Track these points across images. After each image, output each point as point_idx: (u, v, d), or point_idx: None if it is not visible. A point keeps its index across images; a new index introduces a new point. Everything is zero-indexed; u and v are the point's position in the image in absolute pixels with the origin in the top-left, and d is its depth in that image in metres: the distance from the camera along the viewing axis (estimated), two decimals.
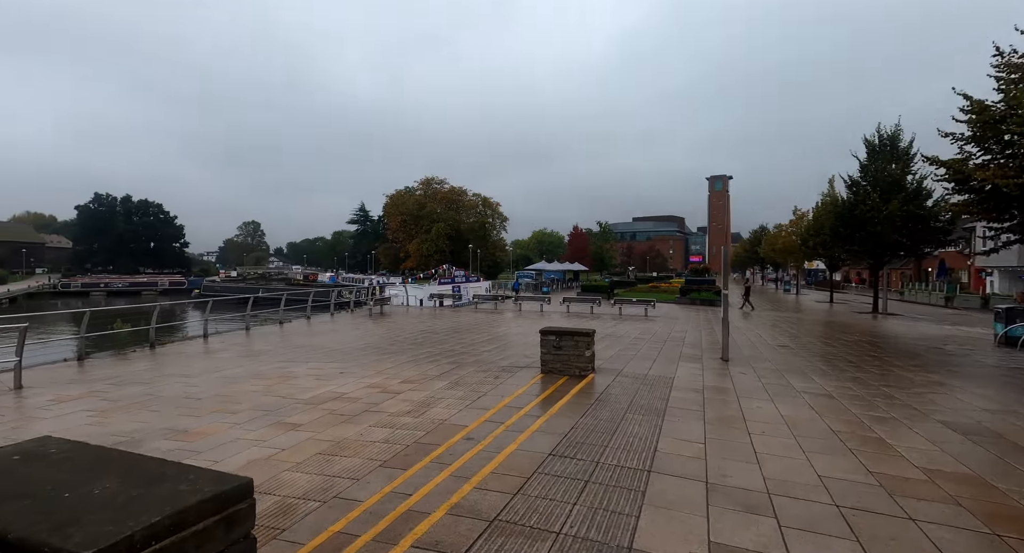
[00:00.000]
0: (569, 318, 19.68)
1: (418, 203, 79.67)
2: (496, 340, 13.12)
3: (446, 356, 10.45)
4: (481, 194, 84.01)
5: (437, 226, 75.63)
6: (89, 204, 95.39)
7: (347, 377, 8.41)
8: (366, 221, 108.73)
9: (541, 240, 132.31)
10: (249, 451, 4.98)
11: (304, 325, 17.56)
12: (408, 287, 30.22)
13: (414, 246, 76.38)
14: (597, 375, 8.33)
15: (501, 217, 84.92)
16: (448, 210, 79.97)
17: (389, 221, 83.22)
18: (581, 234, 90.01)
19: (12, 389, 8.23)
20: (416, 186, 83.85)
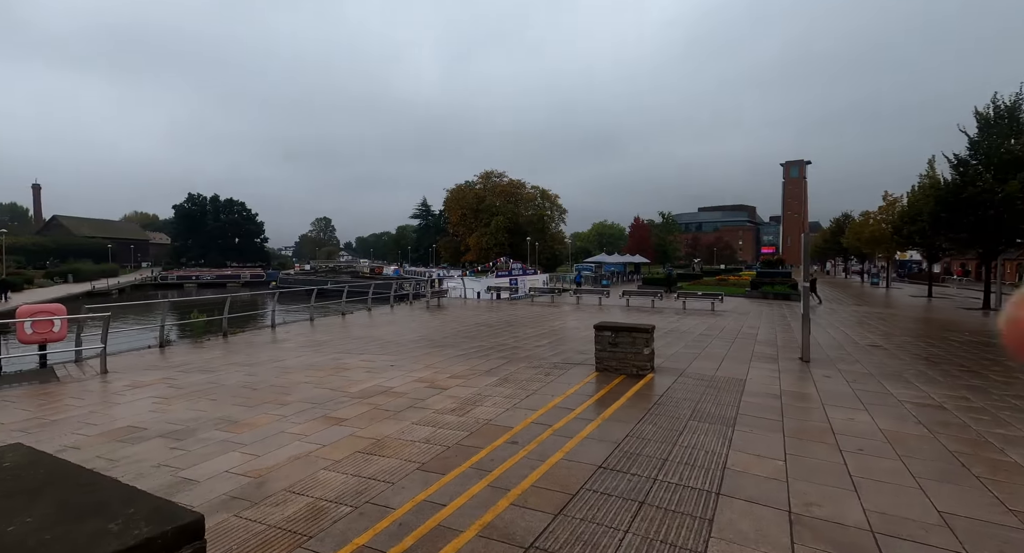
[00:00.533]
0: (628, 312, 18.83)
1: (477, 197, 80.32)
2: (550, 334, 12.66)
3: (497, 350, 10.14)
4: (540, 187, 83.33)
5: (496, 219, 75.93)
6: (184, 204, 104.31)
7: (397, 370, 8.30)
8: (428, 215, 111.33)
9: (601, 232, 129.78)
10: (291, 446, 4.87)
11: (365, 317, 17.96)
12: (465, 280, 30.38)
13: (474, 239, 77.16)
14: (657, 375, 7.67)
15: (560, 209, 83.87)
16: (507, 203, 80.00)
17: (449, 215, 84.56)
18: (643, 225, 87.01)
19: (99, 373, 8.84)
20: (476, 180, 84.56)
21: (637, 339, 7.59)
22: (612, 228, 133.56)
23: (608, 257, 56.09)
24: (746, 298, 26.96)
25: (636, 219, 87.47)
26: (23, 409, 6.51)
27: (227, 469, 4.33)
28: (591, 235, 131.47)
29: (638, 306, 21.24)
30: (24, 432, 5.52)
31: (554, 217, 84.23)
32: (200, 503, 3.70)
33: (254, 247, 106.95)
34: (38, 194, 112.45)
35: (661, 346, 10.39)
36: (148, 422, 5.76)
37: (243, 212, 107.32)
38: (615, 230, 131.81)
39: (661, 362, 8.65)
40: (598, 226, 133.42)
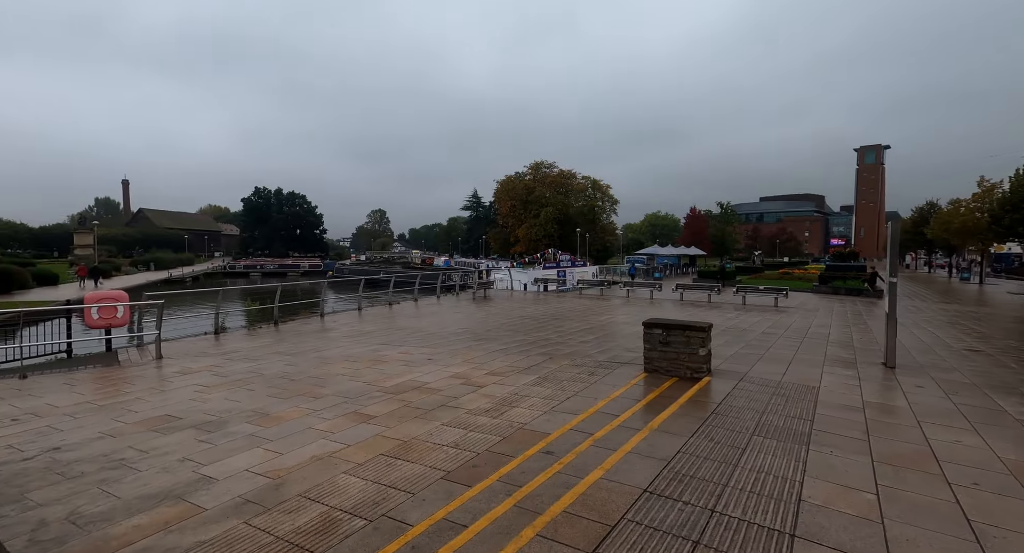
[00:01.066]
0: (682, 307, 17.79)
1: (527, 188, 79.75)
2: (597, 329, 12.03)
3: (539, 346, 9.67)
4: (591, 177, 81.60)
5: (545, 211, 75.16)
6: (251, 197, 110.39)
7: (434, 365, 8.03)
8: (478, 207, 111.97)
9: (654, 223, 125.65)
10: (316, 444, 4.65)
11: (411, 307, 18.00)
12: (513, 271, 30.04)
13: (523, 231, 76.80)
14: (714, 378, 6.94)
15: (611, 200, 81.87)
16: (557, 194, 78.96)
17: (499, 206, 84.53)
18: (699, 216, 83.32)
19: (155, 359, 9.15)
20: (526, 171, 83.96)
21: (692, 339, 6.89)
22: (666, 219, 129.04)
23: (661, 249, 54.09)
24: (814, 293, 24.97)
25: (692, 210, 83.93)
26: (78, 392, 6.73)
27: (248, 467, 4.15)
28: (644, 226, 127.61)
29: (693, 300, 20.08)
30: (72, 417, 5.65)
31: (605, 208, 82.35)
32: (213, 506, 3.49)
33: (314, 238, 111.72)
34: (127, 189, 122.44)
35: (719, 345, 9.55)
36: (185, 411, 5.75)
37: (304, 205, 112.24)
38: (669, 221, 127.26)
39: (719, 364, 7.88)
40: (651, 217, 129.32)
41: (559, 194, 79.77)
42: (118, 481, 3.91)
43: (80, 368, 8.44)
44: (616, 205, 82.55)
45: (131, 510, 3.44)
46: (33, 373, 8.08)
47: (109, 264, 54.03)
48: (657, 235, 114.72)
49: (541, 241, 74.08)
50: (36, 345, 9.39)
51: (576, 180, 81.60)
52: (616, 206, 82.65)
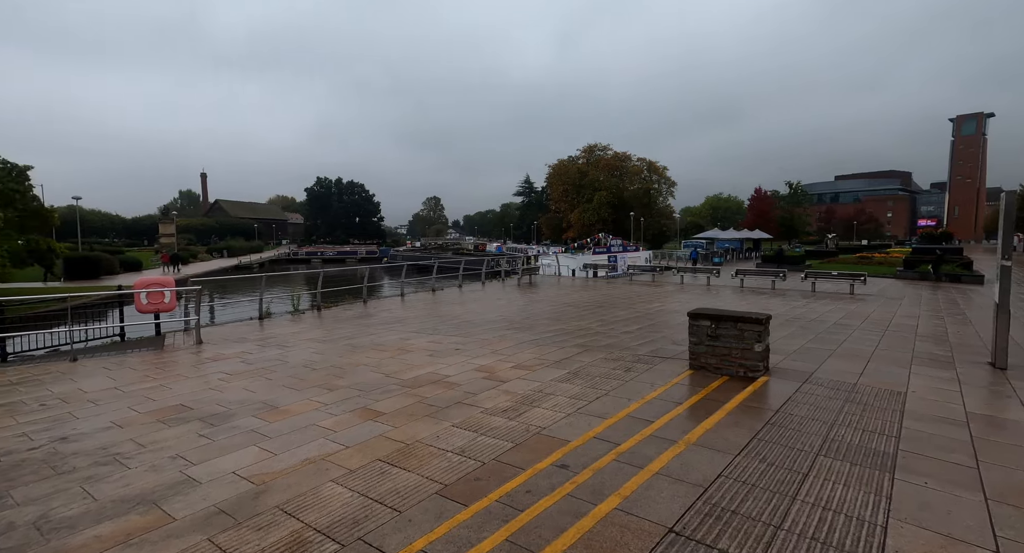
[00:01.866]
0: (742, 295, 16.39)
1: (580, 172, 77.91)
2: (643, 318, 11.15)
3: (577, 336, 8.99)
4: (647, 158, 78.39)
5: (599, 194, 73.19)
6: (314, 187, 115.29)
7: (460, 356, 7.57)
8: (530, 192, 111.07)
9: (715, 206, 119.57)
10: (314, 444, 4.30)
11: (455, 293, 17.75)
12: (561, 257, 29.22)
13: (576, 215, 75.26)
14: (773, 378, 6.01)
15: (668, 182, 78.43)
16: (611, 177, 76.62)
17: (551, 191, 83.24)
18: (765, 197, 78.02)
19: (195, 344, 9.32)
20: (579, 154, 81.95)
21: (746, 332, 5.98)
22: (729, 202, 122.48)
23: (722, 232, 51.11)
24: (897, 279, 22.47)
25: (757, 191, 78.74)
26: (111, 378, 6.84)
27: (236, 469, 3.84)
28: (704, 210, 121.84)
29: (755, 287, 18.53)
30: (95, 403, 5.66)
31: (662, 191, 79.11)
32: (184, 515, 3.18)
33: (372, 225, 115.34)
34: (205, 181, 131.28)
35: (781, 338, 8.48)
36: (200, 401, 5.62)
37: (362, 193, 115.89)
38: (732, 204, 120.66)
39: (779, 360, 6.89)
40: (712, 200, 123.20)
41: (613, 177, 77.38)
42: (103, 480, 3.71)
43: (127, 352, 8.70)
44: (673, 188, 79.10)
45: (101, 516, 3.19)
46: (84, 356, 8.41)
47: (187, 251, 58.18)
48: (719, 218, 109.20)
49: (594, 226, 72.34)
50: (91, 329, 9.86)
51: (631, 162, 78.77)
52: (673, 188, 79.19)
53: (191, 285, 10.76)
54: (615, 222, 73.52)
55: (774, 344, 7.88)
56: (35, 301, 11.15)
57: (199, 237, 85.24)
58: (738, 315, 6.08)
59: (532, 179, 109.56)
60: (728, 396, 5.33)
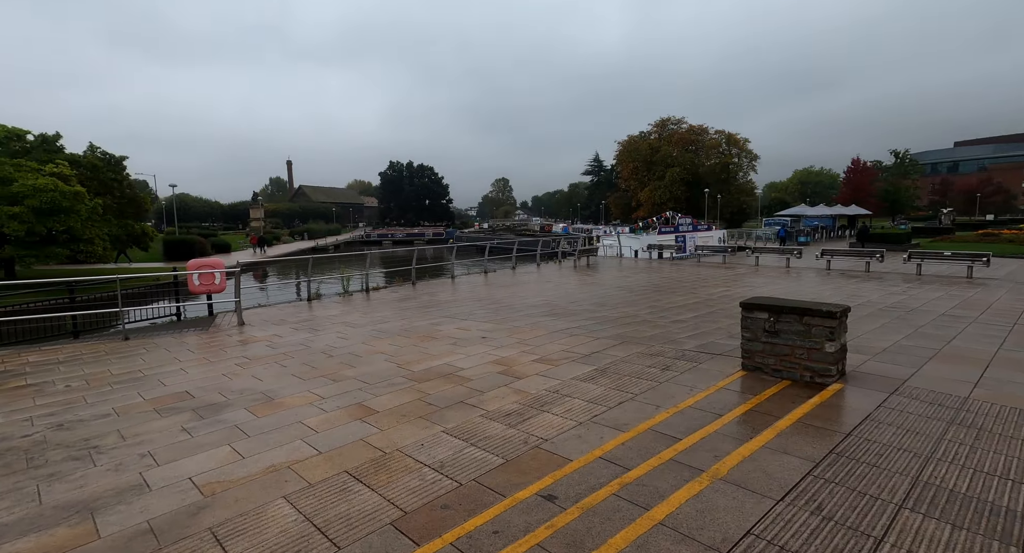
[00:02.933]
0: (827, 278, 14.42)
1: (651, 148, 73.99)
2: (701, 305, 9.95)
3: (619, 325, 8.07)
4: (725, 131, 72.81)
5: (671, 171, 69.27)
6: (387, 171, 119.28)
7: (483, 345, 6.99)
8: (599, 171, 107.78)
9: (804, 180, 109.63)
10: (287, 447, 3.91)
11: (506, 276, 17.23)
12: (624, 237, 27.75)
13: (646, 194, 71.87)
14: (849, 386, 4.85)
15: (750, 155, 72.50)
16: (685, 153, 72.21)
17: (621, 169, 79.93)
18: (864, 169, 69.89)
19: (236, 325, 9.50)
20: (650, 129, 77.79)
21: (814, 328, 4.85)
22: (820, 175, 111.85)
23: (810, 209, 46.40)
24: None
25: (855, 162, 70.78)
26: (143, 360, 6.98)
27: (196, 474, 3.52)
28: (791, 184, 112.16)
29: (845, 270, 16.31)
30: (110, 386, 5.70)
31: (742, 165, 73.38)
32: (111, 533, 2.86)
33: (440, 208, 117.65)
34: (290, 168, 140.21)
35: (867, 333, 7.07)
36: (204, 389, 5.48)
37: (432, 176, 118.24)
38: (824, 177, 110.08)
39: (861, 362, 5.63)
40: (801, 173, 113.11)
41: (687, 152, 72.85)
42: (63, 478, 3.53)
43: (174, 333, 9.00)
44: (755, 161, 73.07)
45: (33, 526, 2.95)
46: (136, 336, 8.79)
47: (271, 234, 62.49)
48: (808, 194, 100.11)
49: (666, 204, 68.76)
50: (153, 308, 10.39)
51: (708, 136, 73.64)
52: (755, 162, 73.16)
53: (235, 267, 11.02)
54: (688, 200, 69.36)
55: (858, 340, 6.56)
56: (100, 282, 11.93)
57: (284, 221, 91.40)
58: (805, 307, 4.94)
59: (601, 157, 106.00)
60: (784, 408, 4.30)
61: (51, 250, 18.63)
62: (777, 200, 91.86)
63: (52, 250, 18.65)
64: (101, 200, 20.57)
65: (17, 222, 17.07)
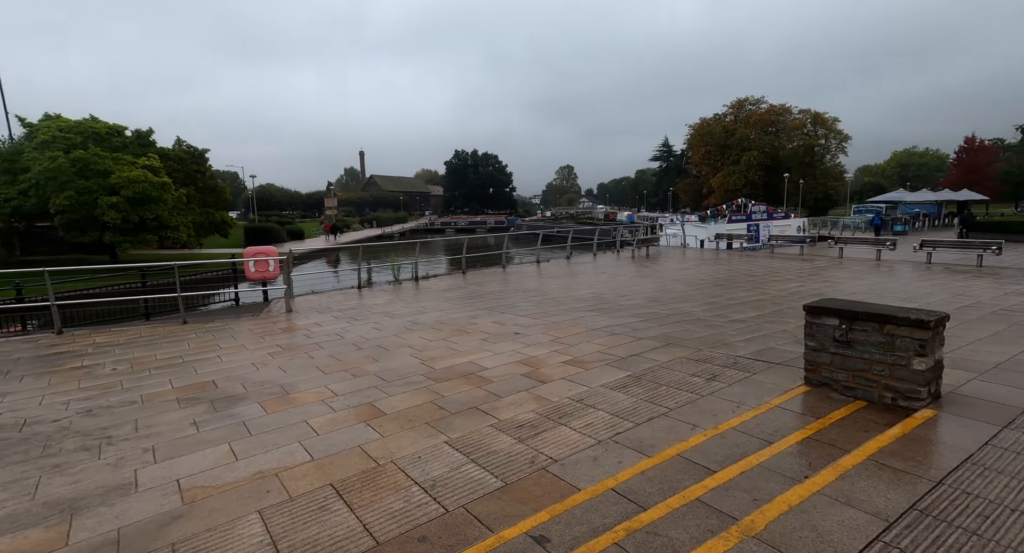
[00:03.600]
0: (927, 274, 12.59)
1: (726, 130, 69.44)
2: (765, 303, 8.90)
3: (667, 323, 7.33)
4: (811, 110, 66.82)
5: (748, 155, 64.72)
6: (452, 160, 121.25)
7: (514, 342, 6.57)
8: (669, 156, 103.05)
9: (905, 163, 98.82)
10: (283, 450, 3.73)
11: (559, 266, 16.67)
12: (690, 226, 26.11)
13: (719, 179, 67.77)
14: (944, 412, 3.93)
15: (839, 136, 66.20)
16: (764, 135, 67.19)
17: (692, 154, 75.74)
18: (981, 148, 61.48)
19: (284, 312, 9.74)
20: (725, 110, 72.95)
21: (899, 340, 3.96)
22: (924, 156, 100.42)
23: (909, 194, 41.50)
24: None
25: (968, 140, 62.54)
26: (188, 345, 7.22)
27: (185, 476, 3.40)
28: (889, 167, 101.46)
29: (950, 264, 14.20)
30: (148, 371, 5.88)
31: (829, 147, 67.15)
32: (80, 539, 2.76)
33: (504, 196, 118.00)
34: (363, 159, 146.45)
35: (974, 343, 5.89)
36: (229, 379, 5.50)
37: (495, 164, 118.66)
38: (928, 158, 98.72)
39: (964, 381, 4.61)
40: (900, 155, 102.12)
41: (767, 134, 67.76)
42: (65, 471, 3.53)
43: (230, 318, 9.34)
44: (846, 142, 66.57)
45: (13, 525, 2.91)
46: (193, 319, 9.23)
47: (342, 222, 65.52)
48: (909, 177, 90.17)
49: (740, 191, 64.42)
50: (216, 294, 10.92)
51: (790, 116, 68.00)
52: (845, 144, 66.66)
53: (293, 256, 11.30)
54: (767, 186, 64.58)
55: (960, 352, 5.46)
56: (165, 267, 12.70)
57: (356, 209, 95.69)
58: (887, 313, 4.05)
59: (671, 142, 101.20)
60: (854, 439, 3.52)
61: (143, 237, 20.56)
62: (871, 185, 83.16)
63: (144, 237, 20.58)
64: (185, 190, 22.38)
65: (115, 211, 18.95)
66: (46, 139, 19.70)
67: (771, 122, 68.92)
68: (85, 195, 19.02)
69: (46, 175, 18.61)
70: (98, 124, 21.94)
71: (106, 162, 19.73)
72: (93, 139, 20.78)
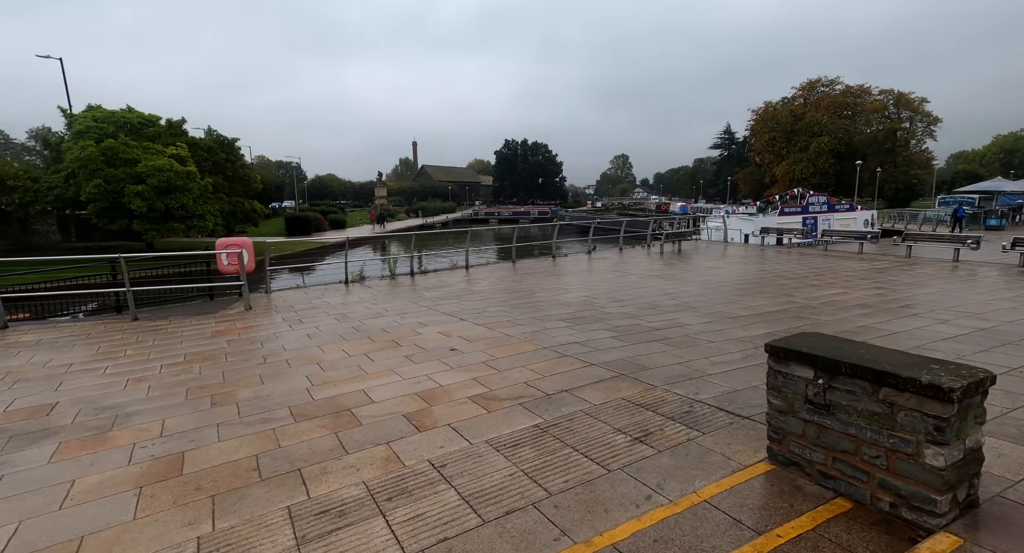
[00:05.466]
0: (1016, 282, 10.16)
1: (794, 115, 63.88)
2: (784, 317, 7.19)
3: (639, 342, 5.88)
4: (895, 90, 60.10)
5: (818, 141, 59.23)
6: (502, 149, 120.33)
7: (440, 363, 5.42)
8: (730, 144, 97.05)
9: (1009, 148, 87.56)
10: (33, 502, 2.81)
11: (576, 262, 15.27)
12: (735, 218, 23.69)
13: (783, 168, 62.57)
14: (983, 540, 2.40)
15: (927, 119, 59.15)
16: (837, 119, 61.24)
17: (755, 141, 70.40)
18: None
19: (243, 311, 9.09)
20: (795, 93, 67.15)
21: (902, 413, 2.46)
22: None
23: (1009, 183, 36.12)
24: None
25: None
26: (97, 348, 6.61)
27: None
28: (988, 153, 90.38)
29: None
30: (25, 381, 5.25)
31: (915, 131, 60.09)
32: None
33: (553, 186, 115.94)
34: (415, 150, 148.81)
35: None
36: (76, 402, 4.73)
37: (545, 154, 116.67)
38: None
39: (1020, 479, 2.99)
40: (1004, 139, 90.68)
41: (841, 118, 61.71)
42: None
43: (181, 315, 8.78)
44: (935, 126, 59.40)
45: None
46: (147, 316, 8.74)
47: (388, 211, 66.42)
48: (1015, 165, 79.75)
49: (808, 180, 59.26)
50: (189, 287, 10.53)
51: (870, 97, 61.52)
52: (935, 127, 59.49)
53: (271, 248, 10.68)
54: (838, 175, 58.86)
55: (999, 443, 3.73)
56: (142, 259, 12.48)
57: (407, 199, 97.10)
58: (883, 368, 2.54)
59: (733, 129, 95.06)
60: None
61: (170, 225, 21.10)
62: (966, 173, 74.02)
63: (171, 225, 21.11)
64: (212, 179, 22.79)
65: (140, 199, 19.49)
66: (81, 129, 20.57)
67: (847, 105, 62.74)
68: (113, 183, 19.69)
69: (77, 164, 19.39)
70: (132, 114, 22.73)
71: (134, 151, 20.34)
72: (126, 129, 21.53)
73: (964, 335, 6.12)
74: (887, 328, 6.54)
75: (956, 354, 5.30)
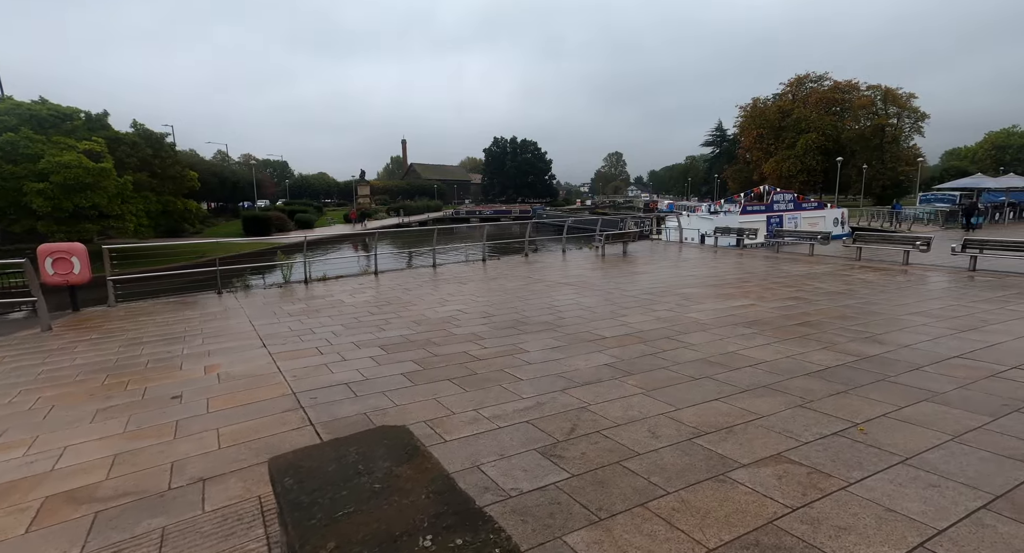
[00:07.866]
0: (957, 290, 8.86)
1: (781, 111, 62.58)
2: (644, 339, 5.88)
3: (435, 381, 4.59)
4: (882, 85, 58.82)
5: (805, 138, 57.99)
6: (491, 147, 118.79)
7: (119, 420, 4.11)
8: (722, 141, 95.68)
9: (1001, 144, 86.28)
10: None
11: (509, 265, 13.98)
12: (695, 218, 22.43)
13: (770, 165, 61.28)
14: None
15: (915, 115, 57.89)
16: (824, 115, 59.93)
17: (743, 138, 69.10)
18: None
19: (40, 331, 7.79)
20: (784, 89, 65.81)
21: None
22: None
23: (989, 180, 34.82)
24: None
25: None
26: None
27: None
28: (981, 150, 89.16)
29: (1003, 273, 10.23)
30: None
31: (903, 127, 58.81)
32: None
33: (543, 184, 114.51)
34: (405, 148, 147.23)
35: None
36: None
37: (535, 152, 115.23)
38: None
39: None
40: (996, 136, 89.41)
41: (829, 115, 60.36)
42: None
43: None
44: (922, 122, 58.19)
45: None
46: None
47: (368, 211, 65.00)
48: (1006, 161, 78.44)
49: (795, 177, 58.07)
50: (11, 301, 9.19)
51: (858, 93, 60.11)
52: (922, 123, 58.25)
53: (110, 253, 9.38)
54: (826, 172, 57.55)
55: None
56: None
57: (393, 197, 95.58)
58: None
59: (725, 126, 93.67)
60: None
61: (82, 226, 19.66)
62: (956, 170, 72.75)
63: (83, 226, 19.67)
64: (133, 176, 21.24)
65: (43, 198, 18.04)
66: None
67: (835, 101, 61.42)
68: (11, 181, 18.22)
69: None
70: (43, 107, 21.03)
71: (38, 146, 18.84)
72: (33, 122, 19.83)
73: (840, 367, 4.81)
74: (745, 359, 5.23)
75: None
